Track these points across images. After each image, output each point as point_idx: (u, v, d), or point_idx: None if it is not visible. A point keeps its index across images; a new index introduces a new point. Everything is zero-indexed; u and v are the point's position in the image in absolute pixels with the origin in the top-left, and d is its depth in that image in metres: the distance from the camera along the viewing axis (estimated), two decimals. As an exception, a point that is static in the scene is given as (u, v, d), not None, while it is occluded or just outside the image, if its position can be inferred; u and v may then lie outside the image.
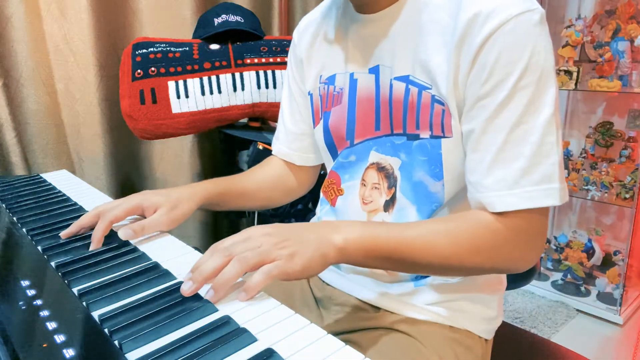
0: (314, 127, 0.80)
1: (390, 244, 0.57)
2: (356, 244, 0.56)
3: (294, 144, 0.86)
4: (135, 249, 0.63)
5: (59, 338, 0.43)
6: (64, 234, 0.66)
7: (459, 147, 0.62)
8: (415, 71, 0.63)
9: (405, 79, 0.64)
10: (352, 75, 0.71)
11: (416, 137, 0.64)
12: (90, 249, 0.63)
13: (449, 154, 0.62)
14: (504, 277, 0.75)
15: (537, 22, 0.55)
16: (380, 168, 0.69)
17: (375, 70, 0.68)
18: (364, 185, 0.71)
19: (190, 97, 1.37)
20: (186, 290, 0.50)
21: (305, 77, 0.80)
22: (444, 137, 0.62)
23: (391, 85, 0.66)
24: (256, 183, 0.85)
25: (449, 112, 0.60)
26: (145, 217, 0.69)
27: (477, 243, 0.58)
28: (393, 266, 0.61)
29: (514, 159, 0.56)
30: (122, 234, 0.65)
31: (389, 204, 0.69)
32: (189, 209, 0.72)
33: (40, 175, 0.99)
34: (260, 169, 0.88)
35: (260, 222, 1.49)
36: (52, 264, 0.58)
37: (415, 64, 0.63)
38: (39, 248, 0.63)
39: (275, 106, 1.45)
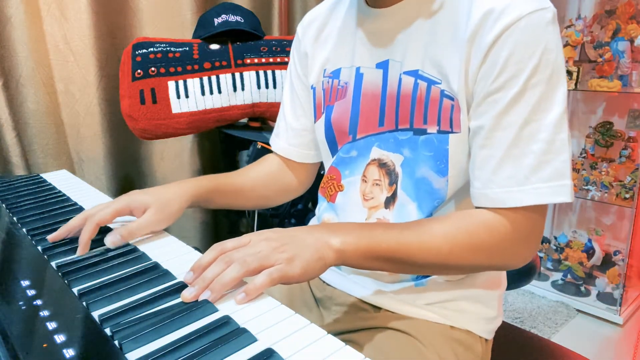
0: (315, 122, 0.79)
1: (388, 246, 0.58)
2: (354, 246, 0.57)
3: (294, 139, 0.85)
4: (135, 249, 0.63)
5: (59, 338, 0.43)
6: (51, 237, 0.64)
7: (466, 143, 0.62)
8: (425, 66, 0.63)
9: (414, 73, 0.64)
10: (358, 69, 0.71)
11: (423, 132, 0.64)
12: (77, 254, 0.61)
13: (456, 149, 0.62)
14: (504, 277, 0.75)
15: (550, 21, 0.55)
16: (382, 164, 0.69)
17: (383, 65, 0.68)
18: (365, 181, 0.71)
19: (190, 97, 1.37)
20: (187, 296, 0.50)
21: (309, 71, 0.79)
22: (452, 132, 0.62)
23: (400, 80, 0.65)
24: (250, 181, 0.84)
25: (458, 107, 0.60)
26: (134, 217, 0.69)
27: (474, 242, 0.58)
28: (391, 267, 0.61)
29: (525, 155, 0.56)
30: (109, 241, 0.63)
31: (390, 201, 0.69)
32: (179, 208, 0.70)
33: (40, 175, 0.99)
34: (255, 166, 0.87)
35: (260, 222, 1.49)
36: (52, 264, 0.58)
37: (425, 58, 0.63)
38: (39, 248, 0.63)
39: (275, 106, 1.45)
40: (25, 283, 0.54)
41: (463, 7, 0.59)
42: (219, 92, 1.39)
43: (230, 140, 1.61)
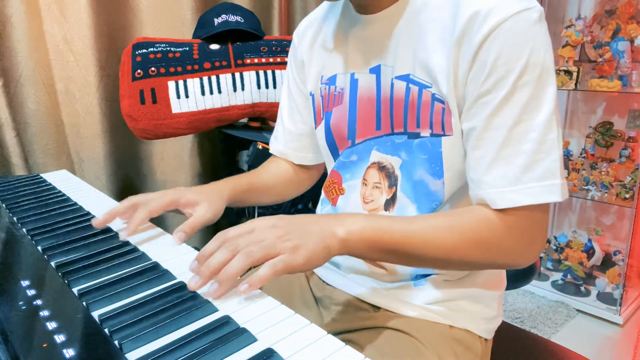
0: (315, 128, 0.80)
1: (392, 237, 0.58)
2: (358, 235, 0.57)
3: (291, 143, 0.87)
4: (135, 249, 0.63)
5: (59, 338, 0.44)
6: (97, 223, 0.68)
7: (459, 145, 0.62)
8: (415, 70, 0.63)
9: (405, 77, 0.64)
10: (352, 75, 0.71)
11: (417, 135, 0.64)
12: (122, 237, 0.65)
13: (449, 152, 0.62)
14: (503, 276, 0.75)
15: (536, 20, 0.55)
16: (381, 167, 0.70)
17: (376, 70, 0.68)
18: (365, 184, 0.72)
19: (190, 97, 1.37)
20: (193, 285, 0.51)
21: (307, 78, 0.80)
22: (444, 135, 0.62)
23: (392, 85, 0.66)
24: (273, 178, 0.88)
25: (449, 110, 0.61)
26: (179, 213, 0.72)
27: (478, 237, 0.59)
28: (395, 259, 0.61)
29: (515, 155, 0.56)
30: (176, 238, 0.66)
31: (390, 203, 0.69)
32: (222, 207, 0.75)
33: (40, 175, 0.99)
34: (273, 164, 0.90)
35: (260, 222, 1.49)
36: (52, 263, 0.58)
37: (415, 63, 0.63)
38: (39, 248, 0.63)
39: (275, 106, 1.45)
40: (25, 283, 0.54)
41: (450, 10, 0.59)
42: (219, 92, 1.39)
43: (230, 140, 1.61)
